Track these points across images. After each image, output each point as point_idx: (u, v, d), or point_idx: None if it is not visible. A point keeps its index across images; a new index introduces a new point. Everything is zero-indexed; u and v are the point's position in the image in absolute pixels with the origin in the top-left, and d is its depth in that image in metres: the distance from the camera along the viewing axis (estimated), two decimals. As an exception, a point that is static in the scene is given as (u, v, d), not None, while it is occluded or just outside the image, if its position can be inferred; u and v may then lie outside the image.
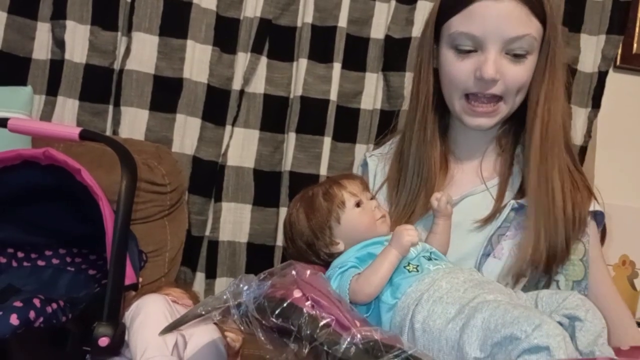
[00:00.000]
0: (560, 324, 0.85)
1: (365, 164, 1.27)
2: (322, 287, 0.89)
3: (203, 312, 0.89)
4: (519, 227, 1.07)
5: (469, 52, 1.04)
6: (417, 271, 0.95)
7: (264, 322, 0.83)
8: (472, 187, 1.12)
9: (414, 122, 1.14)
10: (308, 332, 0.79)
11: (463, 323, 0.84)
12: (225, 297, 0.86)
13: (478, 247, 1.07)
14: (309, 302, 0.82)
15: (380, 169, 1.22)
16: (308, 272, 0.90)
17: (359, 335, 0.78)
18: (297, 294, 0.85)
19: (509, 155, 1.12)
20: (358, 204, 1.02)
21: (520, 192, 1.09)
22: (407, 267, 0.96)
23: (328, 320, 0.81)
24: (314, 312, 0.81)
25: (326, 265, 1.03)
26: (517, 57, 1.03)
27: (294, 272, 0.88)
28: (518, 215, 1.08)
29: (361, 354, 0.77)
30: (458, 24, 1.04)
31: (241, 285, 0.86)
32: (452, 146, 1.17)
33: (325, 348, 0.78)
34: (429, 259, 0.98)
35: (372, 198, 1.06)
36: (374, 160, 1.25)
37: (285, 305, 0.82)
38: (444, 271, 0.95)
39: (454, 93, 1.08)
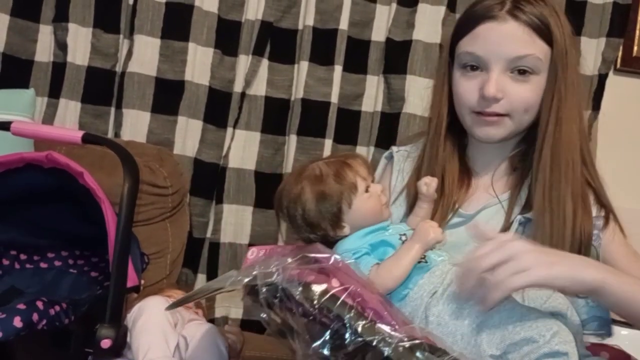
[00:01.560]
0: None
1: (390, 157, 1.28)
2: (359, 278, 0.88)
3: (228, 287, 0.87)
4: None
5: (475, 71, 1.07)
6: (426, 262, 0.96)
7: (307, 308, 0.80)
8: (486, 201, 1.14)
9: (430, 141, 1.17)
10: (352, 327, 0.78)
11: (480, 321, 0.88)
12: (255, 273, 0.83)
13: None
14: (350, 299, 0.81)
15: (406, 166, 1.24)
16: (341, 261, 0.88)
17: (404, 334, 0.79)
18: (335, 283, 0.84)
19: (522, 172, 1.13)
20: (367, 189, 1.00)
21: (527, 206, 1.10)
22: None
23: (372, 316, 0.81)
24: (357, 306, 0.81)
25: (322, 243, 1.00)
26: (521, 75, 1.05)
27: (330, 260, 0.87)
28: (527, 228, 1.09)
29: (407, 354, 0.77)
30: (465, 44, 1.08)
31: (272, 267, 0.83)
32: (471, 163, 1.19)
33: (374, 344, 0.78)
34: (431, 248, 0.99)
35: (373, 180, 1.05)
36: (401, 157, 1.26)
37: (328, 295, 0.80)
38: (450, 263, 0.97)
39: (463, 110, 1.11)
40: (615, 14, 1.94)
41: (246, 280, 0.84)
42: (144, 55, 1.81)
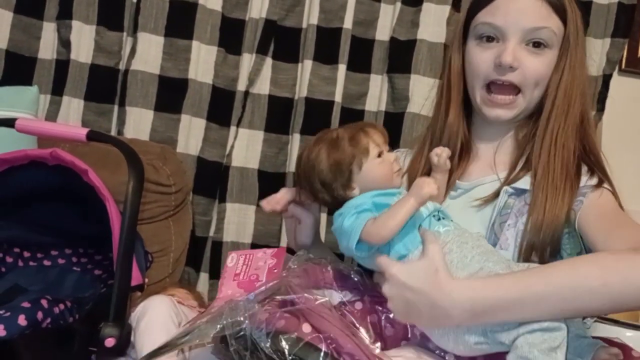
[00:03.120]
0: None
1: None
2: (331, 318, 0.86)
3: (196, 341, 0.86)
4: (519, 214, 1.08)
5: (491, 42, 1.11)
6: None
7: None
8: (483, 175, 1.15)
9: (439, 113, 1.21)
10: None
11: None
12: (223, 323, 0.82)
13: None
14: (323, 344, 0.80)
15: (405, 164, 1.26)
16: (314, 300, 0.87)
17: None
18: (306, 328, 0.82)
19: (523, 149, 1.15)
20: (380, 155, 1.05)
21: (516, 176, 1.12)
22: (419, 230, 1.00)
23: None
24: (333, 352, 0.79)
25: (334, 205, 1.06)
26: (536, 48, 1.10)
27: (300, 301, 0.85)
28: (518, 201, 1.09)
29: None
30: (483, 16, 1.12)
31: (239, 317, 0.82)
32: (475, 139, 1.21)
33: None
34: (438, 219, 1.02)
35: (390, 151, 1.09)
36: (400, 156, 1.29)
37: (301, 345, 0.78)
38: (454, 233, 0.99)
39: (476, 82, 1.13)
40: (620, 15, 1.93)
41: (213, 332, 0.83)
42: (148, 53, 1.80)
